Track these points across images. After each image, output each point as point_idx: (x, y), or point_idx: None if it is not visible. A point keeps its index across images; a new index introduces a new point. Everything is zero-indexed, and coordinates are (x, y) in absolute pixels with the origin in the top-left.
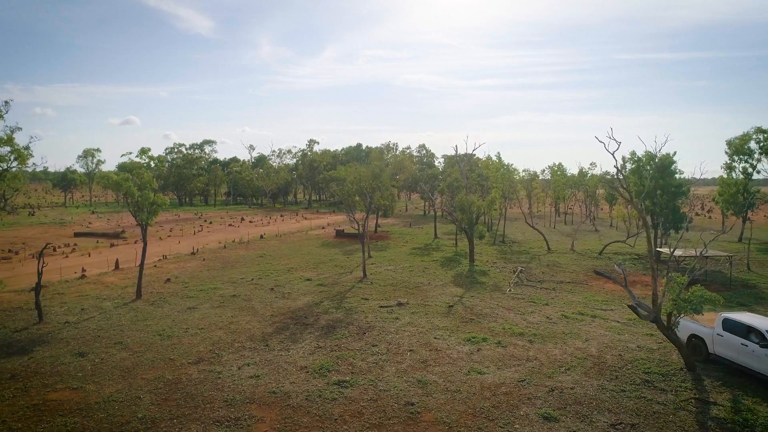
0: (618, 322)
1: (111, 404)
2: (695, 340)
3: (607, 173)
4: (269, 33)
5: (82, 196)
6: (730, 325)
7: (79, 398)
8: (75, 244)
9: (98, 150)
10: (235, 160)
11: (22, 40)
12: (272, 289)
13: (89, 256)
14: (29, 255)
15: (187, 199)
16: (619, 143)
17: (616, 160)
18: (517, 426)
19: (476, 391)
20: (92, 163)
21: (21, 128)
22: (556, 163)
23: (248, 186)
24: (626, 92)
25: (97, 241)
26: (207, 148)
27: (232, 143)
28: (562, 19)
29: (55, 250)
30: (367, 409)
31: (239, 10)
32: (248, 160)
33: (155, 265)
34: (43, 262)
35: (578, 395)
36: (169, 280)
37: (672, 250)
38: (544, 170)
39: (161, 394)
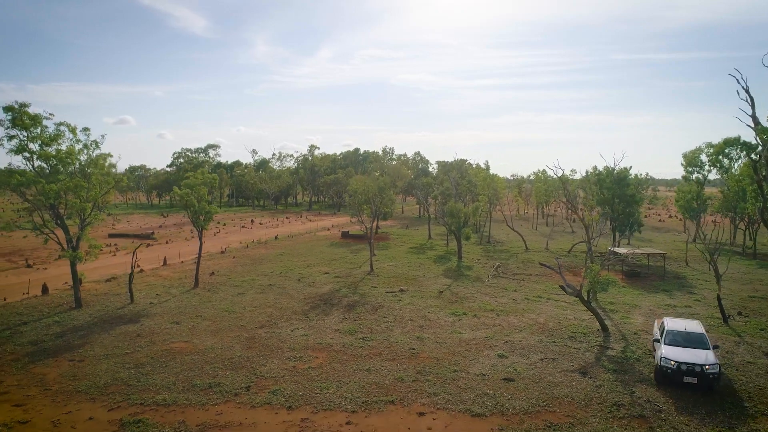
0: (566, 302)
1: (215, 349)
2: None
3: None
4: (265, 32)
5: None
6: (661, 327)
7: (192, 347)
8: (115, 244)
9: (110, 155)
10: (238, 163)
11: (15, 38)
12: (299, 280)
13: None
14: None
15: None
16: (563, 170)
17: (564, 184)
18: (481, 359)
19: (455, 342)
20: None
21: (112, 155)
22: (540, 170)
23: (252, 188)
24: (625, 92)
25: (132, 242)
26: (211, 152)
27: (228, 143)
28: (561, 20)
29: (101, 249)
30: (384, 351)
31: (235, 10)
32: (251, 164)
33: (195, 262)
34: (136, 257)
35: (523, 344)
36: (213, 273)
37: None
38: (529, 176)
39: (245, 344)
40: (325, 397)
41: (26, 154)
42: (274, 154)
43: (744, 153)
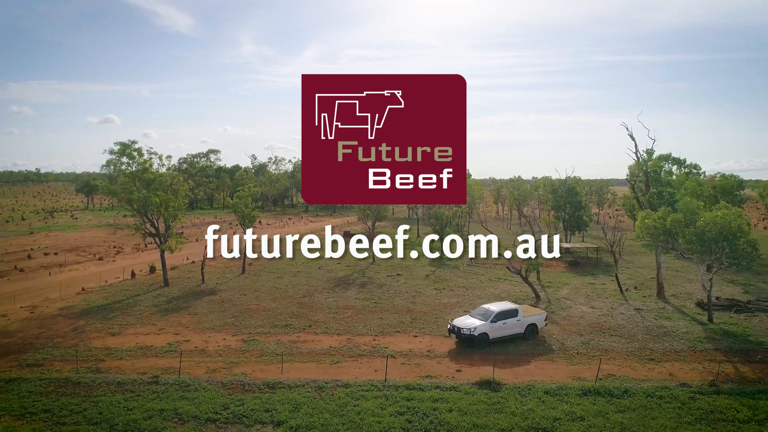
0: (517, 282)
1: (278, 308)
2: None
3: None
4: (251, 31)
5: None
6: None
7: (263, 307)
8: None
9: (189, 181)
10: (237, 167)
11: None
12: (319, 268)
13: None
14: (131, 249)
15: (197, 204)
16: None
17: (515, 196)
18: (453, 313)
19: (437, 305)
20: (115, 171)
21: (185, 178)
22: (516, 176)
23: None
24: (607, 93)
25: None
26: (212, 157)
27: (215, 142)
28: (545, 22)
29: (146, 246)
30: (390, 309)
31: (220, 8)
32: (250, 168)
33: (233, 256)
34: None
35: (480, 302)
36: (251, 263)
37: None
38: (508, 179)
39: (297, 306)
40: (357, 330)
41: (130, 176)
42: (270, 158)
43: (675, 166)
